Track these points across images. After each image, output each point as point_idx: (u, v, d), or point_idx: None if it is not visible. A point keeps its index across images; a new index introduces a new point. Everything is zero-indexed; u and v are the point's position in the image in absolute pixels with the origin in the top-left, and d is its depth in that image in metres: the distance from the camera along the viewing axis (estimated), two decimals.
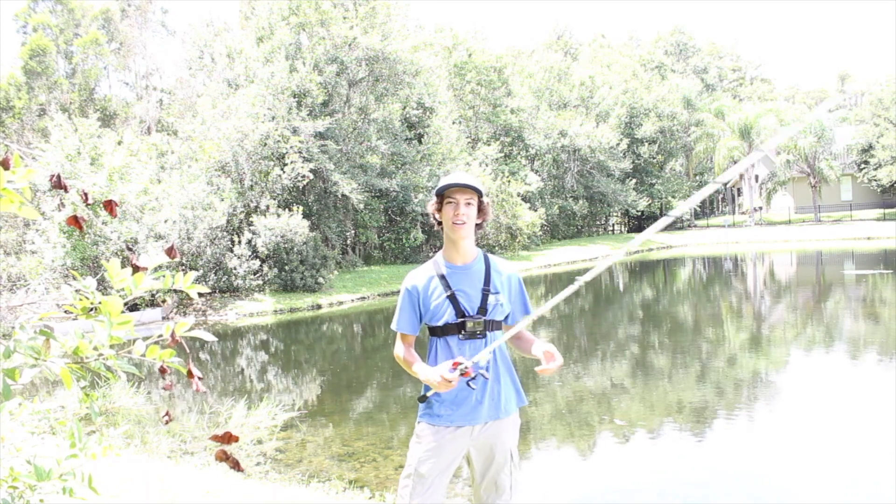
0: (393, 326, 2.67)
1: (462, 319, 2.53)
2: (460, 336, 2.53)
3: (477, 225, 2.62)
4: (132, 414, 7.06)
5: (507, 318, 2.67)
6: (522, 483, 2.88)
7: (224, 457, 1.60)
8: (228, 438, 1.60)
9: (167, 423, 1.77)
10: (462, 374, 2.38)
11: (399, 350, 2.66)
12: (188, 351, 1.54)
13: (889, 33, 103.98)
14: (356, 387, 9.29)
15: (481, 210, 2.60)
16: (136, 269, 1.51)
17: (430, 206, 2.63)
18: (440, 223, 2.62)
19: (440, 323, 2.55)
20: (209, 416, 7.29)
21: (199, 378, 1.57)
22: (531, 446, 6.29)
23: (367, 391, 8.96)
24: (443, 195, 2.57)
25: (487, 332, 2.56)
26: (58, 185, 1.45)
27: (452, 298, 2.55)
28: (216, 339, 2.11)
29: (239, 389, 9.15)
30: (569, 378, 8.92)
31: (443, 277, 2.59)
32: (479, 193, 2.57)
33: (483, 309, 2.56)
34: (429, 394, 2.50)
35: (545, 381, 8.76)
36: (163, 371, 1.57)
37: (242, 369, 10.84)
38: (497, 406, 2.57)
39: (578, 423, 6.95)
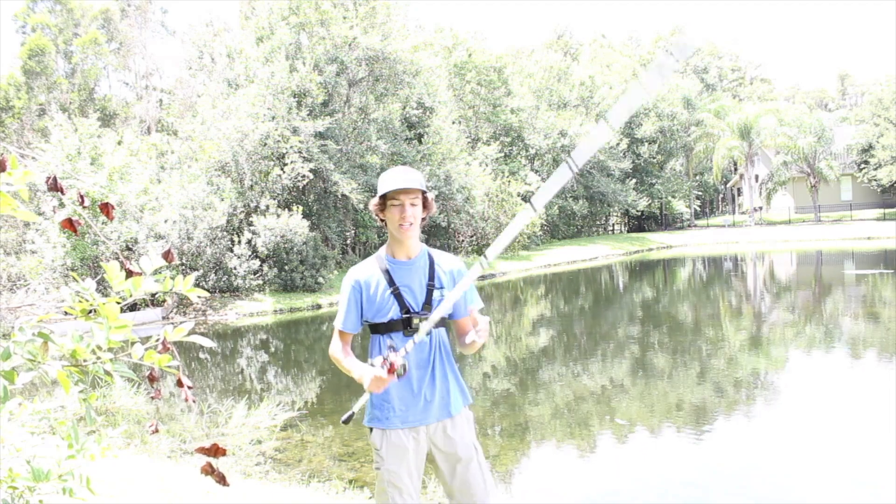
0: (337, 325, 2.57)
1: (407, 315, 2.47)
2: (405, 333, 2.47)
3: (422, 219, 2.56)
4: (132, 414, 7.05)
5: (451, 314, 2.59)
6: (492, 475, 2.77)
7: (210, 470, 1.56)
8: (215, 451, 1.55)
9: (153, 433, 1.76)
10: (391, 372, 2.31)
11: (336, 348, 2.58)
12: (177, 359, 1.53)
13: (889, 33, 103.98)
14: (356, 387, 9.25)
15: (425, 206, 2.53)
16: (129, 273, 1.50)
17: (372, 205, 2.54)
18: (383, 220, 2.55)
19: (385, 319, 2.48)
20: (209, 416, 7.29)
21: (189, 387, 1.55)
22: (531, 446, 6.29)
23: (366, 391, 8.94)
24: (386, 196, 2.48)
25: (432, 329, 2.49)
26: (54, 187, 1.44)
27: (397, 294, 2.49)
28: (214, 343, 2.07)
29: (239, 389, 9.14)
30: (569, 378, 8.92)
31: (386, 272, 2.53)
32: (423, 191, 2.49)
33: (428, 304, 2.50)
34: (356, 407, 2.43)
35: (545, 381, 8.75)
36: (151, 379, 1.56)
37: (242, 369, 10.84)
38: (447, 404, 2.52)
39: (578, 423, 6.95)
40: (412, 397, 2.49)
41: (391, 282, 2.51)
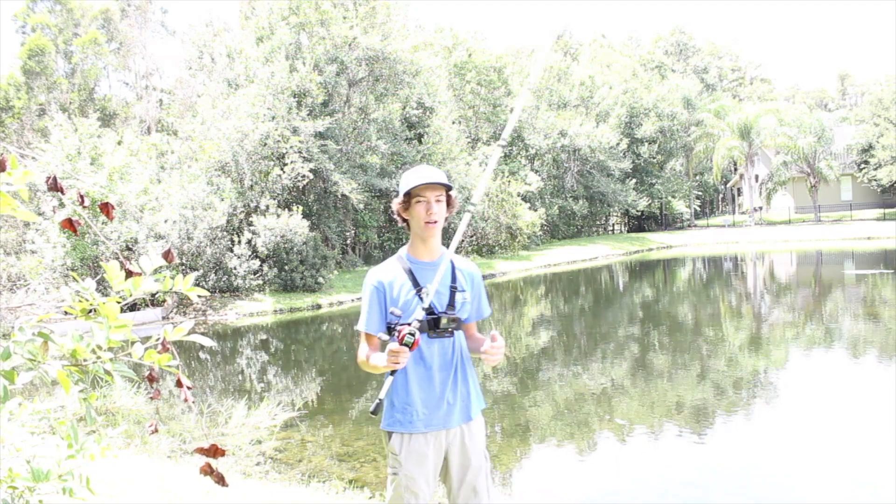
0: (360, 327, 2.50)
1: (433, 316, 2.42)
2: (430, 334, 2.43)
3: (444, 218, 2.52)
4: (132, 414, 7.05)
5: (466, 318, 2.58)
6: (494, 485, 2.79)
7: (209, 470, 1.56)
8: (214, 452, 1.55)
9: (153, 433, 1.76)
10: (400, 342, 2.29)
11: (363, 354, 2.51)
12: (177, 359, 1.52)
13: (889, 33, 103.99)
14: (356, 387, 9.28)
15: (449, 204, 2.52)
16: (129, 273, 1.50)
17: (396, 204, 2.51)
18: (405, 220, 2.52)
19: (409, 321, 2.42)
20: (209, 416, 7.29)
21: (189, 387, 1.55)
22: (531, 446, 6.29)
23: (367, 391, 8.95)
24: (411, 193, 2.46)
25: (454, 331, 2.48)
26: (54, 187, 1.44)
27: (421, 294, 2.45)
28: (214, 342, 2.08)
29: (239, 389, 9.14)
30: (569, 378, 8.92)
31: (410, 273, 2.49)
32: (448, 188, 2.48)
33: (451, 306, 2.47)
34: (382, 394, 2.38)
35: (546, 381, 8.76)
36: (151, 379, 1.56)
37: (242, 369, 10.84)
38: (468, 408, 2.51)
39: (578, 423, 6.95)
40: (435, 401, 2.46)
41: (415, 282, 2.47)
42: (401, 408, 2.47)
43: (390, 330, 2.48)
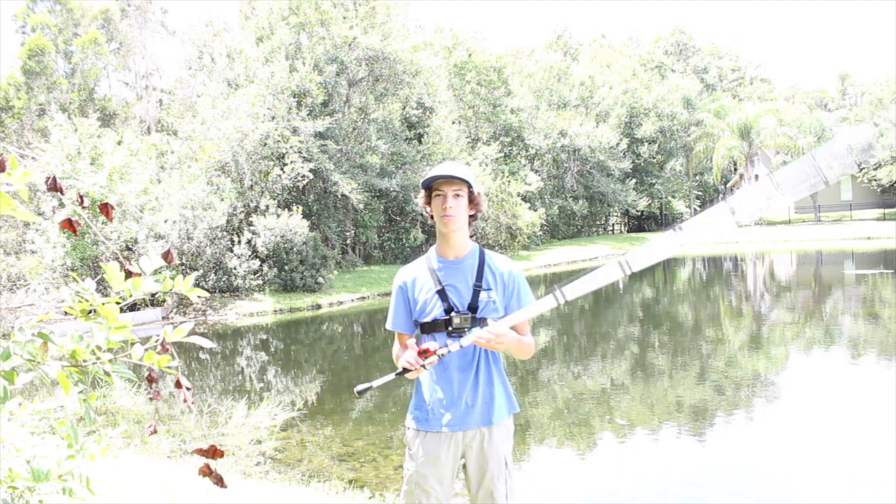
0: (387, 325, 2.56)
1: (450, 315, 2.41)
2: (448, 332, 2.41)
3: (471, 216, 2.50)
4: (132, 414, 7.05)
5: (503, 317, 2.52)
6: (518, 491, 2.76)
7: (208, 471, 1.56)
8: (213, 453, 1.54)
9: (152, 433, 1.76)
10: (420, 353, 2.32)
11: (395, 351, 2.59)
12: (177, 360, 1.52)
13: (889, 33, 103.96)
14: (357, 385, 9.28)
15: (473, 201, 2.48)
16: (129, 274, 1.50)
17: (420, 200, 2.52)
18: (432, 216, 2.51)
19: (428, 318, 2.44)
20: (209, 416, 7.28)
21: (188, 388, 1.55)
22: (531, 446, 6.28)
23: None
24: (430, 188, 2.45)
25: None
26: (53, 187, 1.44)
27: (441, 293, 2.44)
28: (214, 344, 2.09)
29: (239, 389, 9.14)
30: (569, 378, 8.92)
31: (433, 272, 2.48)
32: (469, 184, 2.44)
33: (473, 306, 2.43)
34: (376, 384, 2.42)
35: (546, 381, 8.76)
36: (150, 380, 1.56)
37: (242, 369, 10.84)
38: (490, 411, 2.45)
39: (578, 423, 6.95)
40: (452, 401, 2.43)
41: (438, 281, 2.46)
42: (418, 404, 2.49)
43: (423, 327, 2.50)
